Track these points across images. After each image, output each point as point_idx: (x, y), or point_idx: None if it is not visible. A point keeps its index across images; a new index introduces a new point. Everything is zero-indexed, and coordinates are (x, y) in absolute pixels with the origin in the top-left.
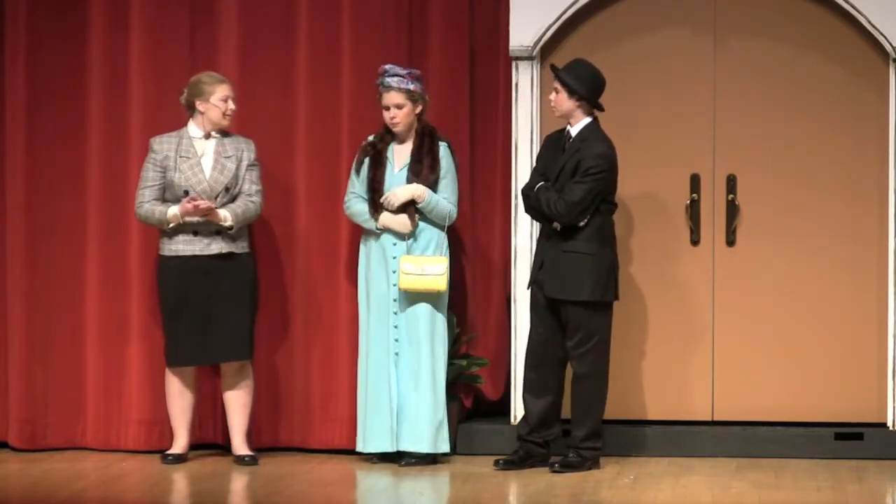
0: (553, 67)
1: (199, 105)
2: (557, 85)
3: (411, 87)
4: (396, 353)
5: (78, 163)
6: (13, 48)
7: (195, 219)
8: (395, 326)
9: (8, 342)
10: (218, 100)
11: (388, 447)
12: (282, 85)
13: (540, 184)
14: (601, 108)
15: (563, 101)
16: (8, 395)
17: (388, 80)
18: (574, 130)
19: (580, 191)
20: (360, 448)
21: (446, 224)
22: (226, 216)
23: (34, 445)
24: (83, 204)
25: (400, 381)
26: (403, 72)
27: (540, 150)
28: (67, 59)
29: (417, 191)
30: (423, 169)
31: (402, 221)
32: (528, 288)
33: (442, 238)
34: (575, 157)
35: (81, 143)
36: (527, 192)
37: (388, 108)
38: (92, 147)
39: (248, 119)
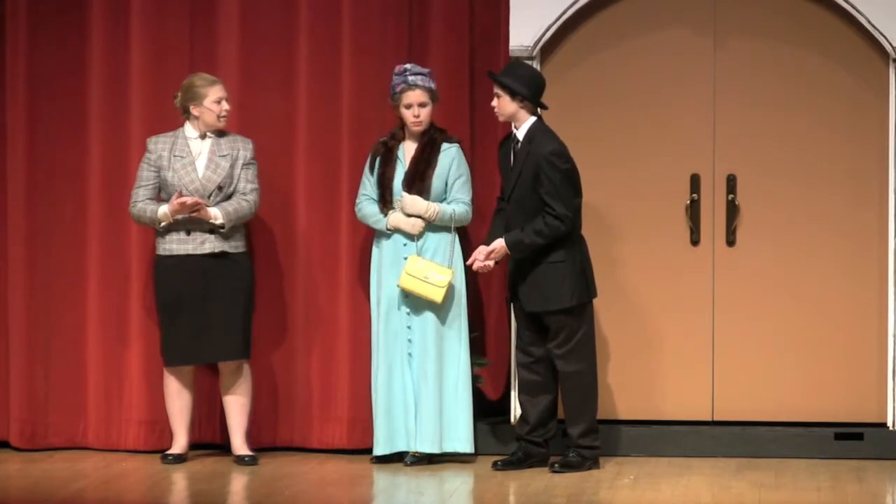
0: (490, 74)
1: (194, 109)
2: (497, 90)
3: (432, 85)
4: (410, 354)
5: (78, 163)
6: (14, 48)
7: (185, 216)
8: (409, 327)
9: (9, 342)
10: (212, 102)
11: (404, 447)
12: (282, 85)
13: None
14: (544, 107)
15: (505, 104)
16: (9, 394)
17: (412, 78)
18: (520, 133)
19: (561, 199)
20: (375, 451)
21: (453, 225)
22: (216, 214)
23: (35, 445)
24: (83, 204)
25: (413, 383)
26: (426, 70)
27: (499, 162)
28: (68, 59)
29: (429, 211)
30: (416, 178)
31: (413, 223)
32: (508, 304)
33: (452, 243)
34: (529, 161)
35: (81, 143)
36: (515, 242)
37: (409, 107)
38: (92, 147)
39: (248, 119)
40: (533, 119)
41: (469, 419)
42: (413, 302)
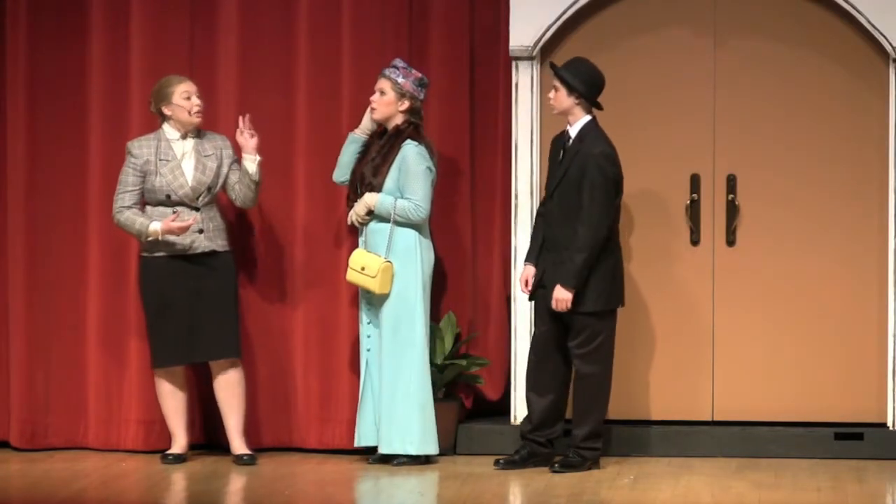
0: (552, 65)
1: (166, 109)
2: (556, 83)
3: (399, 79)
4: (368, 350)
5: (78, 163)
6: (14, 48)
7: (173, 238)
8: (369, 323)
9: (9, 342)
10: (180, 99)
11: (373, 441)
12: (282, 85)
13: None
14: (600, 107)
15: (562, 98)
16: (9, 394)
17: (385, 68)
18: (573, 130)
19: (596, 204)
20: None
21: (394, 216)
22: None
23: (35, 445)
24: (83, 204)
25: (371, 380)
26: (401, 65)
27: (549, 157)
28: (68, 59)
29: (369, 199)
30: (367, 173)
31: (351, 216)
32: (529, 300)
33: (397, 237)
34: (577, 160)
35: (81, 143)
36: (573, 275)
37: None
38: (92, 146)
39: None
40: (587, 118)
41: (419, 420)
42: (370, 299)
